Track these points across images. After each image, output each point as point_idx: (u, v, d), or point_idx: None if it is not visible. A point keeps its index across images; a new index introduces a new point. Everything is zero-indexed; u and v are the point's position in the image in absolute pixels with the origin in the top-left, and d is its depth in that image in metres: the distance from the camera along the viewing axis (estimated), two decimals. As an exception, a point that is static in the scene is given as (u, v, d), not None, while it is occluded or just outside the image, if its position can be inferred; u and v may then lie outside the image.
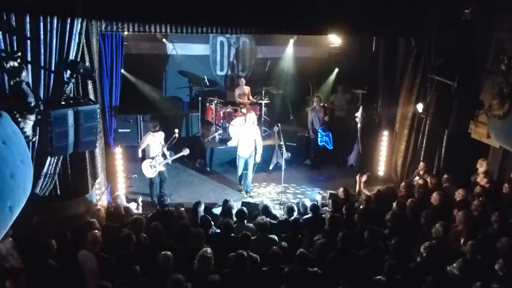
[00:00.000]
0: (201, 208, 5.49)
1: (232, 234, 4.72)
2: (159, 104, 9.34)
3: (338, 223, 4.93)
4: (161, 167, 6.91)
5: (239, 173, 7.69)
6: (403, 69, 7.42)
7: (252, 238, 4.63)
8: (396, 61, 7.56)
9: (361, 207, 5.72)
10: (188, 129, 9.63)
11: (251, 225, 5.05)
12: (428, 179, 6.36)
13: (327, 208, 6.23)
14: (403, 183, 6.41)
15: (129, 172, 7.45)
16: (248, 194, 7.58)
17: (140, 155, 6.84)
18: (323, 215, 5.47)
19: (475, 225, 4.82)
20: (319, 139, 8.83)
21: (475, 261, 4.08)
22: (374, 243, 4.47)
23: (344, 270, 4.02)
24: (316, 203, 5.80)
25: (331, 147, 8.88)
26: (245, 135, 7.31)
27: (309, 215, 5.38)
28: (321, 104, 8.85)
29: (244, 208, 5.28)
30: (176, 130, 6.94)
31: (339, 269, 4.09)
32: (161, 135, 6.95)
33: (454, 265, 4.06)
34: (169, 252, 3.93)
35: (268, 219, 4.94)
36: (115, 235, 4.74)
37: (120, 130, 7.25)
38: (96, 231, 4.37)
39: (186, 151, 7.05)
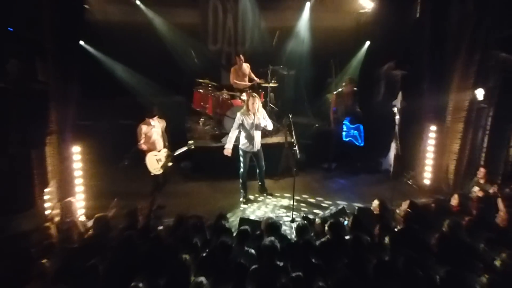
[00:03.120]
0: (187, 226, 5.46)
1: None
2: (133, 87, 9.33)
3: (364, 248, 4.86)
4: (167, 161, 7.26)
5: (243, 175, 7.72)
6: (457, 42, 7.32)
7: (255, 267, 4.58)
8: (447, 31, 7.47)
9: (398, 227, 5.66)
10: (170, 121, 9.56)
11: (252, 250, 5.00)
12: (490, 190, 6.29)
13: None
14: (456, 195, 6.33)
15: (91, 179, 7.41)
16: (267, 193, 8.05)
17: (144, 148, 6.99)
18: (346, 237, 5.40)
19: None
20: (344, 133, 8.77)
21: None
22: (412, 274, 4.40)
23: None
24: (338, 221, 5.72)
25: (362, 144, 8.83)
26: (251, 125, 7.38)
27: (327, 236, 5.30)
28: (353, 89, 8.81)
29: (247, 227, 5.26)
30: (191, 142, 7.47)
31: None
32: (160, 123, 7.18)
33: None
34: None
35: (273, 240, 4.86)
36: (73, 259, 4.70)
37: (80, 123, 7.20)
38: (45, 260, 4.32)
39: (190, 145, 7.41)
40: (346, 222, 5.79)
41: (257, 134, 7.51)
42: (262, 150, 7.74)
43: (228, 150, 7.38)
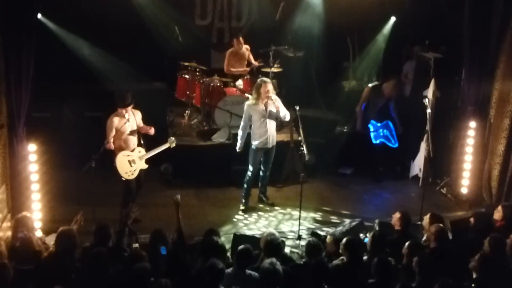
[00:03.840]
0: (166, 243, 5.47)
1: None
2: (102, 71, 9.32)
3: (390, 271, 4.88)
4: (142, 163, 7.21)
5: (249, 180, 7.80)
6: (505, 18, 7.35)
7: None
8: (492, 4, 7.48)
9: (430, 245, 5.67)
10: (148, 113, 9.60)
11: (256, 274, 5.01)
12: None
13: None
14: (500, 208, 6.34)
15: (50, 185, 7.42)
16: (268, 202, 8.20)
17: (112, 147, 7.01)
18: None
19: None
20: (372, 134, 8.81)
21: None
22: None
23: None
24: (356, 239, 5.75)
25: (396, 144, 8.90)
26: (262, 115, 7.48)
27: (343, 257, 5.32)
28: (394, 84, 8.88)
29: (249, 247, 5.24)
30: (172, 139, 7.43)
31: None
32: (136, 115, 7.18)
33: None
34: None
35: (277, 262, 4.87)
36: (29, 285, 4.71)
37: (36, 115, 7.18)
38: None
39: (171, 142, 7.38)
40: (366, 240, 5.80)
41: (271, 125, 7.61)
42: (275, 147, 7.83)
43: (239, 150, 7.75)
